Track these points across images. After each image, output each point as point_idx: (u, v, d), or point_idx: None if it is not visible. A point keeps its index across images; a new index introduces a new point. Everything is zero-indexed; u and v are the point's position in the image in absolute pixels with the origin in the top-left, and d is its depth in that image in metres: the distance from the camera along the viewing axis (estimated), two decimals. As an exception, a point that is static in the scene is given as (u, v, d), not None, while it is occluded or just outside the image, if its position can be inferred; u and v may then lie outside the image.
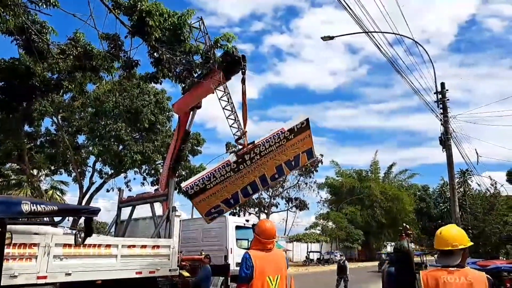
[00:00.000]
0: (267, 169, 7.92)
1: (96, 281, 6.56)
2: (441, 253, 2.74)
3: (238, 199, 8.09)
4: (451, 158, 9.69)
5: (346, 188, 45.39)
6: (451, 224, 3.16)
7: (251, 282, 3.52)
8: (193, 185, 7.21)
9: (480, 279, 2.56)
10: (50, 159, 20.58)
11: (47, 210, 2.01)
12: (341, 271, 15.98)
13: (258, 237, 3.80)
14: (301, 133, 7.75)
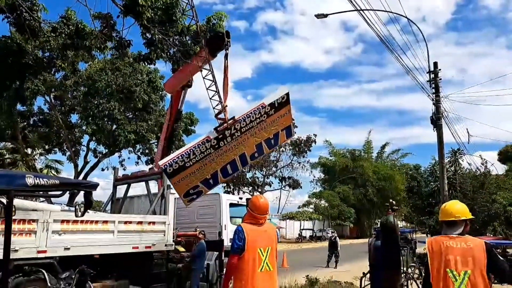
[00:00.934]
0: (247, 147, 7.72)
1: (94, 256, 6.77)
2: (446, 224, 3.06)
3: (217, 179, 7.86)
4: (442, 137, 9.90)
5: (339, 168, 46.02)
6: (454, 200, 3.47)
7: (243, 253, 3.73)
8: (172, 163, 6.81)
9: (479, 244, 2.88)
10: (44, 138, 20.56)
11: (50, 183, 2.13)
12: (332, 247, 16.56)
13: (251, 211, 4.00)
14: (281, 108, 7.56)
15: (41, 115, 20.16)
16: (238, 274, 3.75)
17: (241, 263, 3.74)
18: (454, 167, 37.55)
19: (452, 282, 2.79)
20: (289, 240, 42.96)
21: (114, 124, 18.73)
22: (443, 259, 2.85)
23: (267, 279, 3.84)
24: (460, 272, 2.79)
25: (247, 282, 3.71)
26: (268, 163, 34.21)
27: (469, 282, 2.77)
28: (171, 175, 6.93)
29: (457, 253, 2.84)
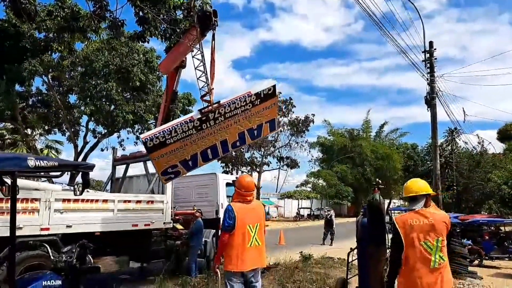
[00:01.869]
0: (229, 134, 7.72)
1: (95, 233, 7.04)
2: (409, 200, 3.41)
3: (196, 162, 7.84)
4: (435, 117, 10.01)
5: (338, 147, 46.28)
6: (416, 178, 3.69)
7: (233, 231, 3.95)
8: (153, 137, 6.76)
9: (440, 219, 3.20)
10: (43, 119, 20.63)
11: (49, 165, 2.29)
12: (327, 225, 16.95)
13: (238, 190, 4.21)
14: (267, 99, 7.55)
15: (40, 95, 20.13)
16: (229, 250, 3.97)
17: (231, 240, 3.96)
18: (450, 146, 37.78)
19: (429, 252, 3.12)
20: (287, 219, 43.73)
21: (112, 104, 18.72)
22: (413, 235, 3.15)
23: (257, 254, 4.08)
24: (433, 242, 3.12)
25: (237, 257, 3.94)
26: (266, 143, 34.36)
27: (441, 249, 3.13)
28: (151, 150, 6.88)
29: (420, 229, 3.17)
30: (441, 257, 3.13)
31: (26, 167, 2.07)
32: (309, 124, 35.48)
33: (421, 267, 3.10)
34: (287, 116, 34.96)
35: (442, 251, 3.15)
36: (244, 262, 3.96)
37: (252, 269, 4.05)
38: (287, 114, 34.87)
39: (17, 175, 2.03)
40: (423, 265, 3.10)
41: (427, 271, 3.08)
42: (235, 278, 3.97)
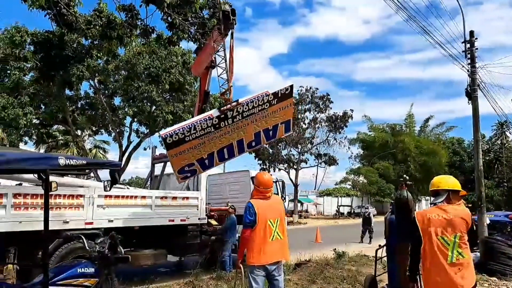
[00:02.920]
0: (246, 133, 7.73)
1: (134, 227, 7.49)
2: (432, 194, 3.46)
3: (213, 161, 7.86)
4: (477, 110, 9.46)
5: (379, 143, 44.79)
6: (444, 175, 3.68)
7: (255, 226, 4.09)
8: (173, 133, 6.82)
9: (459, 216, 3.16)
10: (91, 121, 22.06)
11: (78, 163, 2.54)
12: (365, 223, 16.60)
13: (257, 187, 4.35)
14: (284, 99, 7.58)
15: (87, 98, 21.53)
16: (252, 244, 4.10)
17: (254, 235, 4.09)
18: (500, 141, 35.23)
19: (446, 247, 3.11)
20: (326, 217, 43.20)
21: (153, 105, 19.61)
22: (430, 229, 3.17)
23: (279, 247, 4.20)
24: (451, 237, 3.12)
25: (260, 251, 4.06)
26: (303, 140, 34.08)
27: (460, 245, 3.10)
28: (170, 146, 6.92)
29: (439, 224, 3.16)
30: (460, 253, 3.08)
31: (57, 165, 2.33)
32: (348, 120, 34.65)
33: (439, 262, 3.10)
34: (324, 112, 34.41)
35: (461, 247, 3.10)
36: (266, 255, 4.08)
37: (275, 262, 4.16)
38: (325, 110, 34.31)
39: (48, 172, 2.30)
40: (440, 259, 3.10)
41: (444, 265, 3.07)
42: (258, 271, 4.08)
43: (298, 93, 34.12)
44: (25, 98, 16.60)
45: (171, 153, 7.11)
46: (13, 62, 16.51)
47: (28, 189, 6.17)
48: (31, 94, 17.06)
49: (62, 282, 2.80)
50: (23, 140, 20.89)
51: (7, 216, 5.64)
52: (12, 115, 15.55)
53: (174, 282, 7.09)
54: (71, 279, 2.87)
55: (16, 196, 5.80)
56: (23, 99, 16.48)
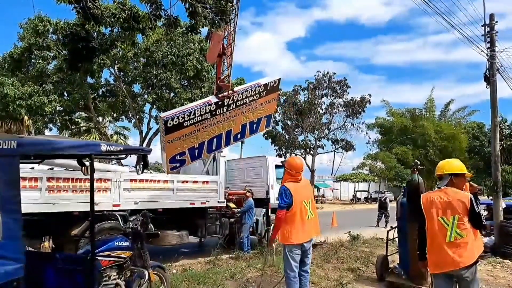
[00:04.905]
0: (235, 124, 7.85)
1: (158, 209, 7.91)
2: (438, 178, 3.60)
3: (202, 151, 7.99)
4: (495, 94, 9.34)
5: (397, 128, 44.14)
6: (453, 158, 3.83)
7: (290, 208, 4.39)
8: (174, 117, 6.91)
9: (458, 199, 3.34)
10: (111, 107, 22.69)
11: (117, 149, 2.84)
12: (381, 208, 16.73)
13: (289, 171, 4.65)
14: (271, 92, 7.71)
15: (108, 86, 22.09)
16: (291, 225, 4.38)
17: (291, 215, 4.39)
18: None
19: (445, 228, 3.31)
20: (343, 202, 43.34)
21: (172, 92, 19.98)
22: (432, 210, 3.38)
23: (314, 225, 4.56)
24: (449, 218, 3.31)
25: (299, 230, 4.37)
26: (320, 126, 33.99)
27: (458, 225, 3.27)
28: (170, 130, 7.01)
29: (439, 206, 3.36)
30: (458, 233, 3.26)
31: (100, 151, 2.63)
32: (365, 105, 34.21)
33: (438, 241, 3.31)
34: (341, 97, 34.11)
35: (459, 228, 3.27)
36: (305, 233, 4.42)
37: (310, 240, 4.53)
38: (342, 95, 34.00)
39: (93, 157, 2.61)
40: (441, 238, 3.30)
41: (444, 244, 3.28)
42: (296, 249, 4.41)
43: (315, 78, 33.88)
44: (49, 86, 17.23)
45: (168, 138, 7.22)
46: (37, 51, 17.10)
47: (60, 173, 6.62)
48: (55, 82, 17.69)
49: (102, 253, 3.17)
50: (48, 126, 21.75)
51: (42, 198, 6.10)
52: (38, 103, 16.19)
53: (196, 261, 7.49)
54: (109, 251, 3.24)
55: (50, 179, 6.24)
56: (48, 87, 17.11)
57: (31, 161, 3.62)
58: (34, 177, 6.02)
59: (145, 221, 3.69)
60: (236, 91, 7.38)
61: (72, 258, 3.11)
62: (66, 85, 17.88)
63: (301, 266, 4.53)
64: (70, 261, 2.97)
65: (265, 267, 5.67)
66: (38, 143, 2.47)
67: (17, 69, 17.99)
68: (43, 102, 16.10)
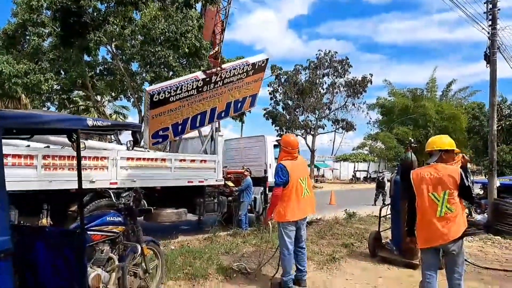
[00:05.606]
0: (220, 102, 7.77)
1: (156, 187, 7.97)
2: (428, 154, 3.62)
3: (185, 128, 7.90)
4: (495, 73, 9.22)
5: (399, 108, 43.90)
6: (443, 135, 3.90)
7: (287, 185, 4.43)
8: (160, 91, 6.81)
9: (448, 174, 3.37)
10: (110, 86, 22.51)
11: (104, 125, 2.81)
12: (379, 187, 16.88)
13: (286, 148, 4.65)
14: (258, 72, 7.63)
15: (105, 64, 21.86)
16: (287, 202, 4.43)
17: (287, 193, 4.43)
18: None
19: (436, 203, 3.35)
20: (342, 181, 43.64)
21: (170, 71, 19.76)
22: (423, 186, 3.40)
23: (309, 202, 4.62)
24: (440, 193, 3.34)
25: (294, 207, 4.43)
26: (320, 106, 33.85)
27: (449, 200, 3.32)
28: (155, 105, 6.91)
29: (429, 182, 3.39)
30: (448, 208, 3.32)
31: (86, 126, 2.62)
32: (367, 85, 34.11)
33: (429, 216, 3.35)
34: (343, 77, 33.82)
35: (450, 203, 3.32)
36: (300, 211, 4.48)
37: (304, 217, 4.62)
38: (343, 74, 33.69)
39: (79, 132, 2.60)
40: (431, 213, 3.35)
41: (434, 219, 3.32)
42: (291, 226, 4.47)
43: (317, 57, 33.50)
44: (45, 64, 17.01)
45: (153, 113, 7.09)
46: (32, 28, 16.80)
47: (56, 151, 6.62)
48: (51, 60, 17.46)
49: (95, 228, 3.21)
50: (45, 105, 21.66)
51: (38, 176, 6.11)
52: (34, 81, 16.02)
53: (194, 238, 7.60)
54: (102, 226, 3.27)
55: (45, 157, 6.23)
56: (43, 65, 16.89)
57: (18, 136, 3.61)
58: (30, 155, 6.02)
59: (137, 197, 3.72)
60: (225, 68, 7.27)
61: (62, 232, 3.14)
62: (62, 62, 17.68)
63: (297, 242, 4.61)
64: (60, 235, 3.01)
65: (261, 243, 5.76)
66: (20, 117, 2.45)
67: (11, 46, 17.72)
68: (39, 80, 15.95)
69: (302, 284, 4.62)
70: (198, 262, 5.22)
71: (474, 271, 5.54)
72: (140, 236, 3.72)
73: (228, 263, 5.30)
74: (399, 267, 5.51)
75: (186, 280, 4.63)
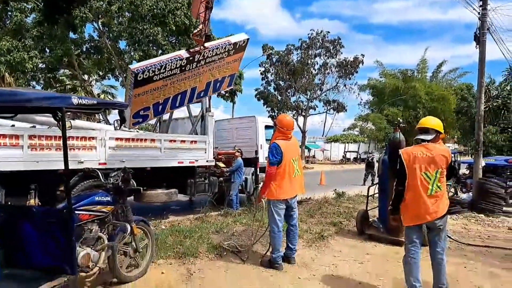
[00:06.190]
0: (200, 81, 7.69)
1: (146, 168, 7.92)
2: (419, 131, 3.64)
3: (165, 108, 7.81)
4: (484, 54, 9.25)
5: (389, 89, 43.99)
6: (429, 116, 4.05)
7: (280, 165, 4.49)
8: (144, 70, 6.64)
9: (440, 153, 3.46)
10: (97, 65, 21.99)
11: (90, 103, 2.75)
12: (369, 167, 17.11)
13: (281, 128, 4.69)
14: (238, 52, 7.58)
15: (92, 42, 21.26)
16: (279, 181, 4.50)
17: (280, 172, 4.50)
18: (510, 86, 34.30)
19: (427, 181, 3.44)
20: (333, 162, 44.10)
21: (159, 49, 19.34)
22: (415, 166, 3.47)
23: (299, 182, 4.69)
24: (432, 172, 3.43)
25: (285, 186, 4.51)
26: (312, 86, 33.71)
27: (439, 179, 3.43)
28: (139, 84, 6.75)
29: (422, 161, 3.46)
30: (438, 186, 3.44)
31: (71, 104, 2.55)
32: (358, 66, 33.98)
33: (420, 194, 3.44)
34: (334, 57, 33.59)
35: (440, 182, 3.44)
36: (291, 190, 4.57)
37: (294, 196, 4.68)
38: (335, 55, 33.45)
39: (64, 110, 2.53)
40: (422, 192, 3.44)
41: (425, 197, 3.42)
42: (281, 205, 4.56)
43: (309, 37, 33.13)
44: (29, 41, 16.47)
45: (136, 92, 6.94)
46: (13, 3, 16.18)
47: (42, 131, 6.49)
48: (35, 37, 16.89)
49: (83, 208, 3.20)
50: (30, 84, 21.13)
51: (24, 156, 6.01)
52: (18, 59, 15.54)
53: (185, 218, 7.64)
54: (90, 206, 3.26)
55: (32, 137, 6.12)
56: (27, 42, 16.36)
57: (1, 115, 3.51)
58: (15, 135, 5.89)
59: (126, 177, 3.69)
60: (208, 48, 7.13)
61: (49, 212, 3.12)
62: (47, 40, 17.15)
63: (289, 220, 4.72)
64: (47, 215, 2.98)
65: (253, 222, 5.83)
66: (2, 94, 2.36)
67: (-8, 23, 17.15)
68: (23, 58, 15.48)
69: (291, 261, 4.73)
70: (189, 241, 5.26)
71: (458, 247, 5.72)
72: (129, 215, 3.72)
73: (218, 242, 5.36)
74: (385, 245, 5.67)
75: (176, 258, 4.68)
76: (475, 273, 4.56)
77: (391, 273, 4.44)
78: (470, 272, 4.57)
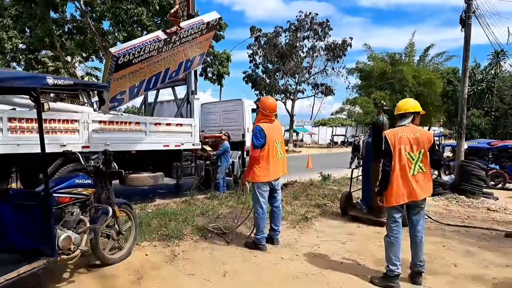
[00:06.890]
0: (173, 62, 7.62)
1: (131, 151, 7.84)
2: (399, 116, 3.71)
3: (140, 90, 7.74)
4: (469, 37, 9.32)
5: (377, 73, 44.12)
6: (408, 98, 3.94)
7: (264, 147, 4.53)
8: (125, 53, 6.48)
9: (425, 135, 3.58)
10: (80, 46, 21.36)
11: (66, 83, 2.66)
12: (355, 150, 17.32)
13: (263, 111, 4.68)
14: (210, 31, 7.53)
15: (74, 22, 20.57)
16: (263, 163, 4.55)
17: (264, 155, 4.54)
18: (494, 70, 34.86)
19: (411, 162, 3.53)
20: (320, 145, 44.47)
21: (144, 30, 18.86)
22: (400, 146, 3.54)
23: (282, 164, 4.76)
24: (416, 153, 3.53)
25: (268, 169, 4.56)
26: (300, 70, 33.53)
27: (422, 160, 3.52)
28: (120, 67, 6.59)
29: (407, 142, 3.54)
30: (421, 167, 3.53)
31: (46, 84, 2.46)
32: (347, 49, 33.77)
33: (403, 175, 3.53)
34: (323, 40, 33.33)
35: (422, 162, 3.53)
36: (274, 172, 4.62)
37: (278, 178, 4.73)
38: (323, 38, 33.18)
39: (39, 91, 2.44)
40: (404, 172, 3.52)
41: (407, 177, 3.52)
42: (265, 187, 4.62)
43: (297, 19, 32.71)
44: (7, 21, 15.84)
45: (116, 76, 6.75)
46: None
47: (23, 113, 6.33)
48: (14, 16, 16.25)
49: (63, 190, 3.15)
50: (11, 65, 20.44)
51: (4, 139, 5.87)
52: (-4, 39, 15.02)
53: (172, 201, 7.65)
54: (70, 188, 3.22)
55: (11, 120, 5.97)
56: (6, 22, 15.73)
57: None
58: (-7, 117, 5.75)
59: (107, 159, 3.65)
60: (183, 28, 6.98)
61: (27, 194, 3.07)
62: (26, 19, 16.53)
63: (273, 202, 4.79)
64: (26, 197, 2.94)
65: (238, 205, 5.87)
66: (-28, 73, 2.28)
67: (-33, 1, 16.41)
68: (1, 38, 14.96)
69: (275, 242, 4.80)
70: (174, 223, 5.28)
71: (437, 227, 5.89)
72: (111, 198, 3.69)
73: (203, 224, 5.39)
74: (368, 225, 5.80)
75: (161, 240, 4.70)
76: (453, 251, 4.72)
77: (372, 252, 4.56)
78: (448, 251, 4.72)
